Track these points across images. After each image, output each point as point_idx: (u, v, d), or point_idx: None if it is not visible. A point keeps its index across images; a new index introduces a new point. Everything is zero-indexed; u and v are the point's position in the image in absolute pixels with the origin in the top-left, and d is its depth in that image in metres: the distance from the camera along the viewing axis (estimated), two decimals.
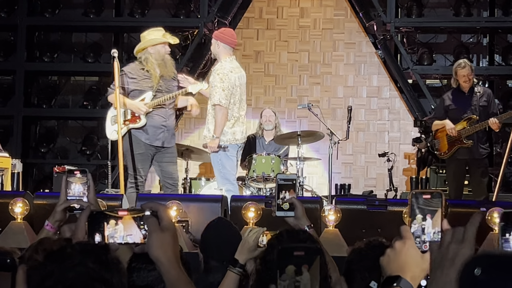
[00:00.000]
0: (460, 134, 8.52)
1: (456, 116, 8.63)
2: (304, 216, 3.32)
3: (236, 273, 3.56)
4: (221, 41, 7.93)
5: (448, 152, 8.63)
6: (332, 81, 11.68)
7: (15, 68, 11.88)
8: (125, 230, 1.98)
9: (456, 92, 8.75)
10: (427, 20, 11.43)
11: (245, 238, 3.66)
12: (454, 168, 8.72)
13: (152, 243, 1.96)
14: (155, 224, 1.96)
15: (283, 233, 3.06)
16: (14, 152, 10.52)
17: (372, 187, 11.12)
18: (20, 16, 11.86)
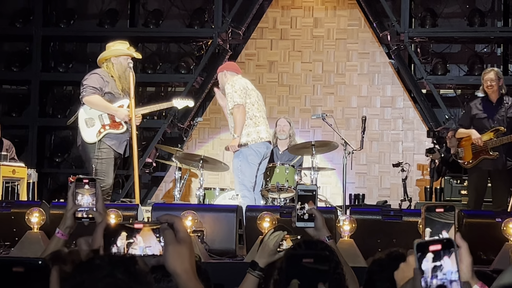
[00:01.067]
0: (486, 145, 8.33)
1: (482, 126, 8.38)
2: (324, 227, 3.33)
3: (255, 276, 3.58)
4: (226, 70, 8.37)
5: (472, 162, 8.44)
6: (346, 91, 11.69)
7: (30, 78, 11.96)
8: (144, 242, 1.99)
9: (484, 101, 8.48)
10: (441, 30, 11.42)
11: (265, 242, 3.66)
12: (476, 179, 8.53)
13: (168, 255, 1.96)
14: (171, 236, 1.96)
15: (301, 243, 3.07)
16: (29, 161, 10.58)
17: (386, 197, 11.10)
18: (35, 26, 11.94)
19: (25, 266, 1.73)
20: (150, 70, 11.96)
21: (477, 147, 8.33)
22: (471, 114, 8.49)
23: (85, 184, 3.15)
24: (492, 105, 8.40)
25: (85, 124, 7.78)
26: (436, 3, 11.63)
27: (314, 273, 1.84)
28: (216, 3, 11.61)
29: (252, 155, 8.02)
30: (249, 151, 8.02)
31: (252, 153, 8.02)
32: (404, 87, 11.58)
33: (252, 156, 8.02)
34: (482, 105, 8.44)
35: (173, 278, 1.99)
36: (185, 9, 12.12)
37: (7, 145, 9.85)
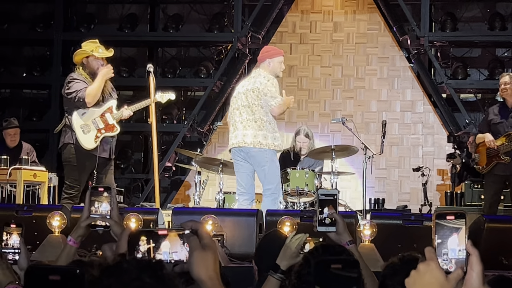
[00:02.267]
0: (499, 150, 8.34)
1: (498, 131, 8.39)
2: (346, 231, 3.32)
3: (277, 278, 3.58)
4: (270, 58, 7.88)
5: (486, 167, 8.47)
6: (366, 95, 11.67)
7: (51, 83, 12.02)
8: (170, 247, 1.99)
9: (501, 107, 8.51)
10: (462, 34, 11.38)
11: (287, 244, 3.67)
12: (491, 184, 8.54)
13: (193, 262, 1.96)
14: (196, 243, 1.96)
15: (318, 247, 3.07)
16: (50, 165, 10.61)
17: (406, 202, 11.06)
18: (56, 31, 12.01)
19: (61, 275, 1.73)
20: (170, 75, 12.00)
21: (491, 152, 8.35)
22: (488, 119, 8.51)
23: (102, 192, 3.16)
24: (508, 110, 8.41)
25: (81, 131, 7.67)
26: (457, 7, 11.59)
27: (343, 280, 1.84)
28: (235, 7, 11.64)
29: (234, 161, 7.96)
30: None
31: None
32: (424, 92, 11.55)
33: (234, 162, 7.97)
34: (499, 110, 8.48)
35: (197, 285, 1.99)
36: (205, 13, 12.15)
37: (28, 149, 9.92)
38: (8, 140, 9.82)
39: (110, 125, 7.72)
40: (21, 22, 12.35)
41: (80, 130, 7.66)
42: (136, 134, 11.93)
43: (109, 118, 7.77)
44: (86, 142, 7.64)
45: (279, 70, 7.82)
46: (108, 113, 7.79)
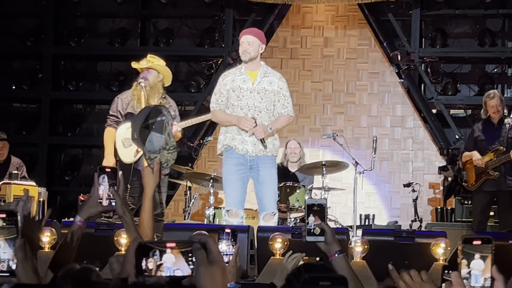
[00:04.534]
0: (487, 166, 8.41)
1: (485, 148, 8.50)
2: (335, 241, 3.31)
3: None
4: (263, 44, 7.14)
5: (475, 184, 8.53)
6: (356, 110, 11.67)
7: (40, 97, 12.01)
8: (173, 264, 1.97)
9: (486, 123, 8.61)
10: (452, 50, 11.42)
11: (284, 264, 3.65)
12: (480, 200, 8.60)
13: (200, 276, 1.93)
14: (203, 257, 1.93)
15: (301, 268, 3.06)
16: (39, 180, 10.56)
17: (396, 217, 11.05)
18: (46, 45, 12.00)
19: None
20: None
21: (480, 169, 8.39)
22: (474, 136, 8.60)
23: (106, 174, 3.19)
24: (493, 127, 8.50)
25: (122, 144, 7.69)
26: (447, 23, 11.63)
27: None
28: (226, 22, 11.66)
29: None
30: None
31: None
32: (414, 107, 11.56)
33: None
34: (484, 127, 8.56)
35: None
36: (195, 28, 12.15)
37: (17, 163, 9.86)
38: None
39: None
40: (11, 35, 12.32)
41: (121, 144, 7.67)
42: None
43: None
44: (124, 156, 7.62)
45: (240, 53, 7.16)
46: None
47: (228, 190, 6.97)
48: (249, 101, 6.92)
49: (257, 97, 6.93)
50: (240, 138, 6.91)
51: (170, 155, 3.33)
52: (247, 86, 6.95)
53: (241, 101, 6.94)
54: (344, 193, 10.57)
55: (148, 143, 3.37)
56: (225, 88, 7.01)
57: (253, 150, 6.91)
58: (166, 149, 3.35)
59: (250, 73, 7.00)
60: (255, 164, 6.95)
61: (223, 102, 7.06)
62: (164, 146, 3.35)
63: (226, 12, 11.69)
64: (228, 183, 6.97)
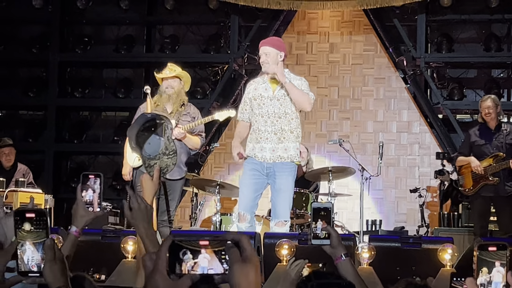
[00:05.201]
0: (486, 171, 8.37)
1: (481, 153, 8.45)
2: (340, 244, 3.31)
3: None
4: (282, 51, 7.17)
5: (473, 189, 8.50)
6: (362, 116, 11.67)
7: (46, 104, 12.04)
8: (206, 263, 1.96)
9: (483, 128, 8.56)
10: (457, 55, 11.42)
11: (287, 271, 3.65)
12: (479, 206, 8.57)
13: (233, 275, 1.91)
14: (237, 255, 1.92)
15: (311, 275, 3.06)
16: (46, 187, 10.60)
17: (403, 223, 11.04)
18: (52, 52, 12.02)
19: None
20: None
21: (477, 174, 8.37)
22: (470, 141, 8.56)
23: (90, 180, 3.16)
24: (490, 132, 8.47)
25: (129, 148, 7.70)
26: (452, 28, 11.63)
27: None
28: (232, 28, 11.67)
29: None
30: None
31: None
32: (420, 112, 11.56)
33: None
34: (481, 132, 8.52)
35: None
36: (201, 34, 12.17)
37: (24, 170, 9.88)
38: (3, 160, 9.78)
39: None
40: (17, 43, 12.36)
41: (130, 148, 7.64)
42: None
43: None
44: (131, 159, 7.60)
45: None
46: None
47: (240, 194, 7.08)
48: (269, 109, 7.03)
49: (277, 104, 7.03)
50: (259, 146, 7.03)
51: (169, 160, 3.30)
52: (267, 94, 7.07)
53: (262, 109, 7.06)
54: (350, 199, 10.56)
55: (147, 148, 3.35)
56: (248, 97, 7.20)
57: (271, 157, 6.99)
58: (166, 154, 3.33)
59: (272, 81, 7.12)
60: (271, 172, 7.01)
61: (247, 111, 7.24)
62: (164, 151, 3.33)
63: (231, 18, 11.71)
64: (241, 187, 7.09)
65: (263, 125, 7.03)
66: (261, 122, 7.03)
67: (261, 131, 7.03)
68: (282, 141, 6.98)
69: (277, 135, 6.99)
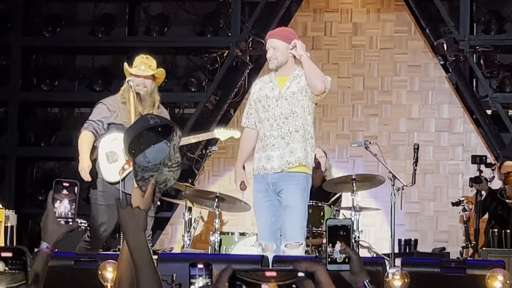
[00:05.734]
0: None
1: None
2: (363, 270, 3.30)
3: None
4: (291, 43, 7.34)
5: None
6: (393, 112, 11.68)
7: (7, 99, 12.05)
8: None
9: None
10: (509, 37, 11.41)
11: None
12: None
13: None
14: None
15: None
16: (6, 200, 10.62)
17: (444, 243, 11.04)
18: (14, 36, 12.04)
19: None
20: None
21: None
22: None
23: (64, 189, 3.21)
24: None
25: (105, 158, 7.82)
26: (503, 4, 11.62)
27: None
28: (233, 6, 11.67)
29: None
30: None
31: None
32: (464, 108, 11.56)
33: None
34: None
35: None
36: (196, 13, 12.18)
37: None
38: None
39: None
40: None
41: (105, 158, 7.77)
42: None
43: None
44: (108, 173, 7.79)
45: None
46: None
47: (258, 222, 7.40)
48: (275, 111, 7.23)
49: (285, 103, 7.23)
50: (265, 155, 7.22)
51: (170, 173, 3.27)
52: (274, 94, 7.25)
53: (268, 112, 7.25)
54: (379, 214, 10.57)
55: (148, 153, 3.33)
56: (252, 98, 7.41)
57: (279, 165, 7.16)
58: (168, 165, 3.30)
59: (280, 79, 7.29)
60: (278, 188, 7.21)
61: (252, 115, 7.43)
62: (165, 161, 3.30)
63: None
64: (256, 214, 7.41)
65: (269, 130, 7.22)
66: (267, 127, 7.22)
67: (267, 137, 7.22)
68: (289, 143, 7.14)
69: (285, 139, 7.16)
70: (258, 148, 7.30)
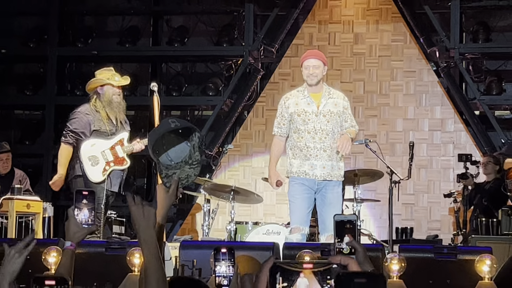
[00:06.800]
0: None
1: None
2: (367, 260, 3.30)
3: None
4: (326, 65, 7.60)
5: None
6: (390, 113, 11.66)
7: (44, 103, 12.09)
8: (307, 285, 1.97)
9: None
10: (495, 45, 11.39)
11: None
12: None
13: None
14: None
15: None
16: (44, 194, 10.65)
17: (437, 231, 11.02)
18: (50, 46, 12.09)
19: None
20: (175, 92, 12.04)
21: None
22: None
23: (83, 198, 3.28)
24: None
25: (89, 162, 7.88)
26: (490, 15, 11.59)
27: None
28: (246, 18, 11.69)
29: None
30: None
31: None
32: (455, 109, 11.53)
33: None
34: None
35: None
36: (213, 25, 12.20)
37: (20, 176, 9.94)
38: (0, 166, 9.84)
39: (120, 158, 7.98)
40: (12, 36, 12.42)
41: (88, 162, 7.87)
42: (139, 159, 11.94)
43: (119, 151, 8.01)
44: (93, 174, 7.87)
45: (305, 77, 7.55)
46: (118, 146, 8.02)
47: (294, 209, 7.38)
48: (315, 125, 7.36)
49: (323, 120, 7.37)
50: (309, 163, 7.36)
51: (191, 170, 3.29)
52: (312, 109, 7.38)
53: (308, 125, 7.36)
54: (378, 205, 10.57)
55: (171, 153, 3.34)
56: (287, 112, 7.45)
57: (321, 174, 7.34)
58: (189, 163, 3.31)
59: (314, 95, 7.43)
60: (321, 188, 7.38)
61: (285, 126, 7.51)
62: (187, 160, 3.32)
63: (246, 7, 11.73)
64: (294, 202, 7.39)
65: (311, 141, 7.35)
66: (308, 139, 7.35)
67: (310, 148, 7.35)
68: (332, 159, 7.35)
69: (326, 152, 7.35)
70: (299, 155, 7.38)
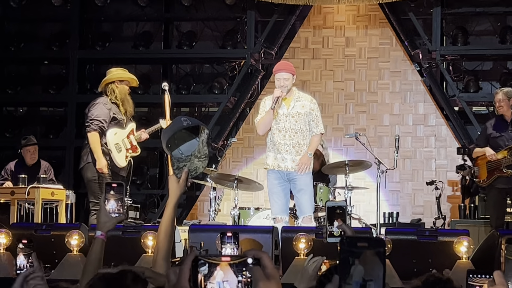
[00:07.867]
0: (500, 163, 8.36)
1: (497, 145, 8.45)
2: None
3: None
4: (295, 75, 7.83)
5: (487, 180, 8.50)
6: (378, 109, 11.67)
7: (67, 101, 12.11)
8: (222, 276, 1.97)
9: (499, 121, 8.59)
10: (473, 47, 11.39)
11: (305, 267, 3.68)
12: (494, 197, 8.59)
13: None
14: (260, 273, 1.90)
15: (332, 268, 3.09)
16: (67, 183, 10.69)
17: (420, 215, 11.04)
18: (71, 49, 12.10)
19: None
20: (184, 91, 12.06)
21: (492, 165, 8.38)
22: (487, 133, 8.56)
23: (112, 189, 3.30)
24: (506, 124, 8.47)
25: (115, 149, 8.06)
26: (468, 21, 11.60)
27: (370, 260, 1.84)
28: (248, 24, 11.70)
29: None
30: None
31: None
32: (436, 105, 11.54)
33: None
34: (497, 124, 8.54)
35: None
36: (218, 30, 12.21)
37: (45, 167, 9.97)
38: (28, 158, 9.88)
39: (133, 146, 8.26)
40: (37, 41, 12.45)
41: (115, 149, 8.04)
42: (152, 150, 11.98)
43: (133, 139, 8.23)
44: (120, 160, 8.07)
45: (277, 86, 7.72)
46: (131, 135, 8.25)
47: (272, 201, 7.68)
48: (285, 124, 7.67)
49: (292, 120, 7.66)
50: (281, 157, 7.65)
51: (200, 163, 3.32)
52: (283, 111, 7.69)
53: (279, 124, 7.67)
54: (367, 192, 10.58)
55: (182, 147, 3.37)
56: (264, 110, 7.75)
57: (292, 166, 7.62)
58: (197, 157, 3.34)
59: (285, 99, 7.72)
60: (292, 177, 7.64)
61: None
62: (196, 153, 3.34)
63: (248, 14, 11.74)
64: (272, 195, 7.69)
65: (282, 139, 7.65)
66: (279, 136, 7.65)
67: (281, 144, 7.64)
68: (300, 153, 7.61)
69: (295, 148, 7.64)
70: (272, 149, 7.70)
